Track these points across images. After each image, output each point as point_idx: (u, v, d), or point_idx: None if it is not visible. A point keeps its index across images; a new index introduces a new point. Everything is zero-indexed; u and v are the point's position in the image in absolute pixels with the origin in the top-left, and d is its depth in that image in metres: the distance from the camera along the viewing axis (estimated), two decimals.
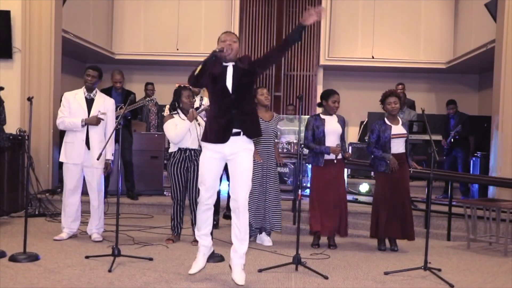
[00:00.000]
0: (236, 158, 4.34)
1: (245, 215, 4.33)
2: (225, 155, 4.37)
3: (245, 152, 4.36)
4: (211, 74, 4.33)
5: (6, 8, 8.11)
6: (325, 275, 4.72)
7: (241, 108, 4.34)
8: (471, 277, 5.02)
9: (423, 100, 11.85)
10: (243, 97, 4.37)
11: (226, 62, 4.38)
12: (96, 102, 5.87)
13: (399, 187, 5.92)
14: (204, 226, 4.51)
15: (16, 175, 7.51)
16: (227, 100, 4.33)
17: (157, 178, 8.57)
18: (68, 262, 4.93)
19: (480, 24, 10.29)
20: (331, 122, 5.99)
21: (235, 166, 4.35)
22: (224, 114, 4.32)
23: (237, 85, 4.33)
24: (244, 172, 4.33)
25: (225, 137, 4.31)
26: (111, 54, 12.08)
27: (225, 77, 4.34)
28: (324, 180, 5.95)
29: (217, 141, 4.33)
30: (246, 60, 4.46)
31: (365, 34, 12.21)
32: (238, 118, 4.32)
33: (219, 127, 4.32)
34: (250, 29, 12.24)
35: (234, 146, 4.33)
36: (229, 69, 4.37)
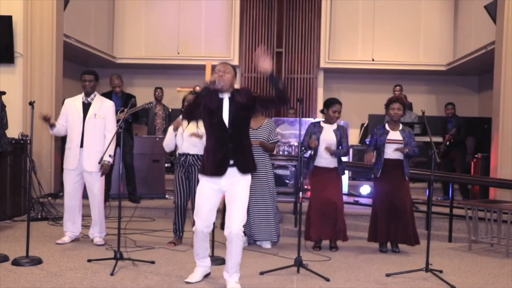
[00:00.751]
0: (233, 188, 4.30)
1: (238, 243, 4.25)
2: (222, 187, 4.33)
3: (242, 182, 4.32)
4: (206, 107, 4.27)
5: (8, 13, 8.13)
6: (326, 277, 4.73)
7: (238, 142, 4.30)
8: (472, 278, 5.03)
9: (423, 102, 11.88)
10: (240, 132, 4.33)
11: (222, 94, 4.32)
12: (93, 106, 5.86)
13: (394, 193, 5.90)
14: (203, 252, 4.53)
15: (19, 179, 7.53)
16: (224, 134, 4.28)
17: (159, 181, 8.58)
18: (70, 266, 4.95)
19: (480, 25, 10.31)
20: (328, 131, 6.01)
21: (232, 195, 4.31)
22: (220, 148, 4.28)
23: (234, 119, 4.27)
24: (240, 201, 4.28)
25: (222, 170, 4.27)
26: (112, 58, 12.13)
27: (221, 110, 4.28)
28: (318, 186, 5.99)
29: (214, 174, 4.31)
30: (244, 93, 4.38)
31: (365, 36, 12.25)
32: (234, 153, 4.27)
33: (216, 160, 4.29)
34: (251, 33, 12.27)
35: (230, 178, 4.29)
36: (225, 102, 4.30)
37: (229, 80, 4.29)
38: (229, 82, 4.29)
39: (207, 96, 4.25)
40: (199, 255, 4.54)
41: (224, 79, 4.26)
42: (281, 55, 12.24)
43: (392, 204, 5.90)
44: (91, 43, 10.91)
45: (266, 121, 6.14)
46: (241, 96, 4.33)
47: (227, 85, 4.28)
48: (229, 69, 4.34)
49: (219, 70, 4.30)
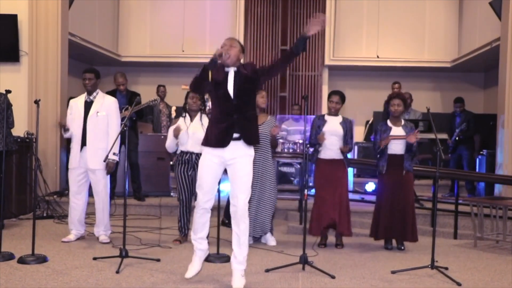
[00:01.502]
0: (236, 164, 4.33)
1: (245, 220, 4.31)
2: (225, 160, 4.35)
3: (245, 157, 4.35)
4: (213, 79, 4.31)
5: (13, 12, 8.16)
6: (332, 275, 4.73)
7: (243, 113, 4.34)
8: (478, 275, 5.02)
9: (429, 99, 11.85)
10: (244, 103, 4.37)
11: (228, 68, 4.37)
12: (95, 104, 5.86)
13: (399, 190, 5.91)
14: (201, 229, 4.51)
15: (24, 177, 7.56)
16: (229, 105, 4.32)
17: (164, 179, 8.60)
18: (76, 264, 4.96)
19: (485, 22, 10.27)
20: (332, 123, 6.02)
21: (235, 171, 4.34)
22: (225, 119, 4.32)
23: (239, 91, 4.32)
24: (243, 177, 4.32)
25: (225, 141, 4.30)
26: (117, 56, 12.14)
27: (227, 82, 4.34)
28: (322, 179, 6.00)
29: (217, 145, 4.33)
30: (249, 67, 4.45)
31: (370, 33, 12.22)
32: (239, 123, 4.31)
33: (220, 131, 4.32)
34: (255, 30, 12.25)
35: (234, 151, 4.32)
36: (231, 75, 4.36)
37: (235, 53, 4.35)
38: (235, 56, 4.36)
39: (214, 69, 4.28)
40: (197, 232, 4.50)
41: (231, 52, 4.31)
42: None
43: (395, 200, 5.90)
44: (96, 42, 10.93)
45: (269, 118, 6.16)
46: (246, 69, 4.41)
47: (233, 58, 4.34)
48: (235, 43, 4.42)
49: (225, 44, 4.37)
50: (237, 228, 4.33)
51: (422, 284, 4.63)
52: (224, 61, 4.30)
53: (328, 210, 5.92)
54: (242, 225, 4.31)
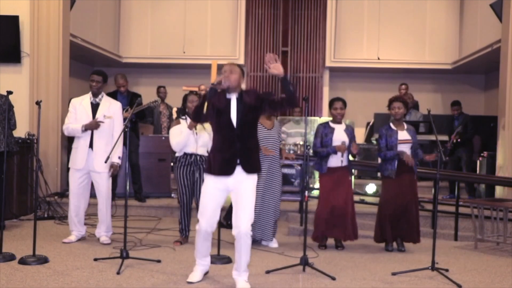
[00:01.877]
0: (239, 189, 4.31)
1: (247, 241, 4.27)
2: (229, 186, 4.34)
3: (248, 181, 4.33)
4: (215, 107, 4.27)
5: (14, 13, 8.18)
6: (332, 276, 4.74)
7: (245, 143, 4.31)
8: (478, 277, 5.03)
9: (429, 101, 11.86)
10: (247, 132, 4.33)
11: (229, 94, 4.32)
12: (102, 107, 5.90)
13: (405, 192, 5.91)
14: (204, 250, 4.54)
15: (25, 178, 7.57)
16: (231, 134, 4.28)
17: (165, 180, 8.60)
18: (77, 265, 4.97)
19: (486, 24, 10.28)
20: (339, 131, 6.01)
21: (239, 195, 4.32)
22: (228, 148, 4.28)
23: (242, 120, 4.28)
24: (247, 200, 4.29)
25: (230, 169, 4.28)
26: (118, 57, 12.16)
27: (229, 110, 4.29)
28: (329, 186, 5.97)
29: (222, 174, 4.30)
30: (252, 94, 4.37)
31: (371, 35, 12.24)
32: (242, 152, 4.28)
33: (223, 160, 4.29)
34: (256, 32, 12.27)
35: (237, 177, 4.30)
36: (233, 102, 4.30)
37: (235, 80, 4.29)
38: (235, 82, 4.29)
39: (215, 96, 4.24)
40: (200, 253, 4.54)
41: (231, 79, 4.26)
42: (286, 54, 12.23)
43: (401, 204, 5.90)
44: (97, 43, 10.95)
45: (276, 122, 6.23)
46: (249, 97, 4.33)
47: (233, 85, 4.29)
48: (236, 69, 4.34)
49: (225, 70, 4.30)
50: (239, 248, 4.29)
51: (422, 286, 4.63)
52: (223, 88, 4.26)
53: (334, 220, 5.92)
54: (244, 246, 4.28)
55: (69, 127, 5.89)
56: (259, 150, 4.56)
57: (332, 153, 5.92)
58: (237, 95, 4.33)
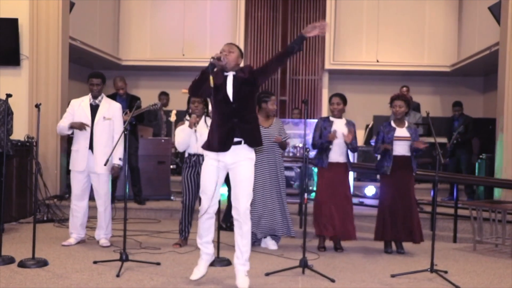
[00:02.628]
0: (237, 167, 4.39)
1: (247, 222, 4.38)
2: (227, 164, 4.41)
3: (246, 161, 4.41)
4: (213, 84, 4.36)
5: (13, 16, 8.18)
6: (332, 278, 4.74)
7: (242, 117, 4.39)
8: (477, 279, 5.04)
9: (428, 103, 11.86)
10: (244, 106, 4.42)
11: (227, 72, 4.44)
12: (101, 108, 5.91)
13: (403, 190, 5.93)
14: (206, 234, 4.55)
15: (24, 181, 7.57)
16: (228, 109, 4.38)
17: (164, 183, 8.61)
18: (76, 267, 4.97)
19: (484, 27, 10.30)
20: (339, 125, 6.03)
21: (236, 175, 4.40)
22: (225, 123, 4.37)
23: (238, 94, 4.39)
24: (245, 181, 4.38)
25: (227, 145, 4.36)
26: (117, 60, 12.17)
27: (226, 86, 4.40)
28: (328, 182, 5.98)
29: (219, 150, 4.37)
30: (247, 69, 4.50)
31: (370, 38, 12.26)
32: (239, 127, 4.37)
33: (221, 135, 4.36)
34: (256, 34, 12.29)
35: (235, 155, 4.37)
36: (229, 79, 4.42)
37: (233, 58, 4.44)
38: (233, 61, 4.44)
39: (213, 72, 4.34)
40: (202, 237, 4.55)
41: (229, 58, 4.40)
42: None
43: (400, 201, 5.91)
44: (96, 45, 10.96)
45: (275, 120, 6.23)
46: (243, 72, 4.47)
47: (231, 63, 4.43)
48: (234, 48, 4.50)
49: (224, 49, 4.46)
50: (240, 230, 4.40)
51: None
52: (222, 66, 4.37)
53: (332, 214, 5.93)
54: (244, 227, 4.38)
55: (59, 125, 5.92)
56: (258, 125, 4.61)
57: (325, 143, 5.93)
58: (234, 72, 4.46)
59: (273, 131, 6.10)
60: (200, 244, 4.59)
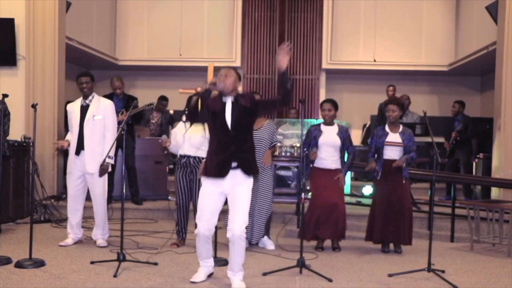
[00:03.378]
0: (235, 192, 4.36)
1: (241, 243, 4.32)
2: (225, 189, 4.39)
3: (245, 185, 4.38)
4: (211, 110, 4.34)
5: (10, 16, 8.16)
6: (329, 278, 4.74)
7: (240, 145, 4.35)
8: (474, 278, 5.04)
9: (425, 103, 11.88)
10: (242, 135, 4.38)
11: (225, 98, 4.37)
12: (91, 108, 5.86)
13: (394, 194, 5.92)
14: (205, 253, 4.57)
15: (21, 181, 7.55)
16: (227, 137, 4.33)
17: (161, 183, 8.60)
18: (73, 268, 4.96)
19: (481, 26, 10.31)
20: (329, 134, 5.97)
21: (234, 198, 4.36)
22: (223, 151, 4.33)
23: (237, 122, 4.33)
24: (242, 203, 4.34)
25: (224, 171, 4.32)
26: (114, 60, 12.15)
27: (224, 112, 4.34)
28: (319, 187, 5.96)
29: (216, 176, 4.35)
30: (248, 97, 4.43)
31: (367, 37, 12.25)
32: (237, 155, 4.33)
33: (218, 162, 4.33)
34: (253, 34, 12.27)
35: (233, 180, 4.35)
36: (228, 105, 4.35)
37: (231, 83, 4.33)
38: (231, 85, 4.34)
39: (211, 99, 4.30)
40: (201, 256, 4.58)
41: (226, 82, 4.31)
42: None
43: (390, 204, 5.91)
44: (93, 45, 10.94)
45: (267, 122, 6.11)
46: (244, 100, 4.38)
47: (229, 88, 4.33)
48: (232, 73, 4.39)
49: (221, 74, 4.35)
50: (233, 249, 4.36)
51: (418, 287, 4.64)
52: (219, 91, 4.32)
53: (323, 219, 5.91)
54: (238, 248, 4.33)
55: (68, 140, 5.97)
56: (255, 153, 4.55)
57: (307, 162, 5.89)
58: (233, 98, 4.36)
59: (263, 134, 5.99)
60: (200, 260, 4.61)
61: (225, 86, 4.31)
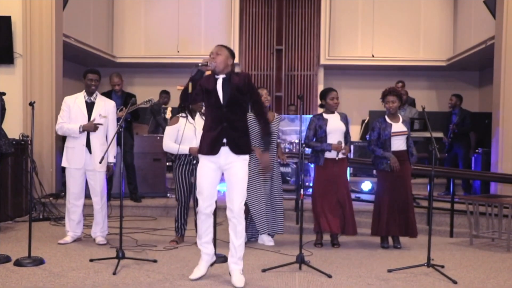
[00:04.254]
0: (231, 168, 4.42)
1: (241, 222, 4.42)
2: (221, 165, 4.45)
3: (240, 162, 4.43)
4: (205, 88, 4.42)
5: (6, 13, 8.14)
6: (328, 274, 4.74)
7: (232, 122, 4.41)
8: (474, 273, 5.04)
9: (424, 98, 11.88)
10: (234, 112, 4.44)
11: (217, 75, 4.45)
12: (97, 106, 5.88)
13: (400, 185, 5.93)
14: (205, 234, 4.58)
15: (20, 179, 7.55)
16: (219, 113, 4.41)
17: (160, 180, 8.59)
18: (73, 266, 4.96)
19: (479, 21, 10.30)
20: (334, 121, 5.97)
21: (230, 175, 4.44)
22: (216, 127, 4.41)
23: (229, 99, 4.40)
24: (238, 181, 4.41)
25: (215, 149, 4.40)
26: (112, 57, 12.13)
27: (217, 90, 4.42)
28: (326, 179, 5.94)
29: (209, 153, 4.43)
30: (243, 77, 4.51)
31: (365, 33, 12.25)
32: (228, 131, 4.39)
33: (211, 139, 4.41)
34: (250, 30, 12.26)
35: (228, 157, 4.42)
36: (219, 82, 4.44)
37: (221, 60, 4.41)
38: (222, 63, 4.42)
39: (201, 78, 4.40)
40: (201, 237, 4.58)
41: (216, 61, 4.39)
42: (281, 52, 12.24)
43: (397, 196, 5.91)
44: (90, 43, 10.92)
45: (276, 116, 6.26)
46: (238, 78, 4.47)
47: (220, 66, 4.42)
48: (222, 50, 4.46)
49: (212, 52, 4.45)
50: (234, 230, 4.43)
51: (418, 283, 4.64)
52: (211, 70, 4.40)
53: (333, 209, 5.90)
54: (238, 227, 4.42)
55: (63, 127, 5.84)
56: (248, 133, 4.63)
57: (327, 150, 5.89)
58: (225, 75, 4.45)
59: (275, 127, 6.12)
60: (199, 245, 4.61)
61: (216, 64, 4.39)
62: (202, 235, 4.57)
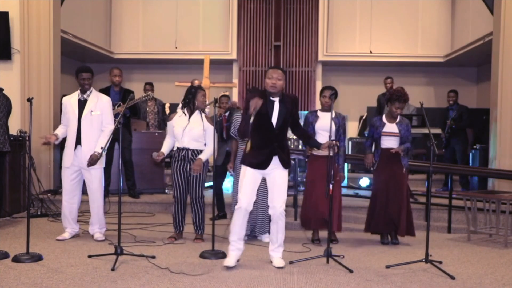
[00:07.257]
0: (274, 173, 4.78)
1: (282, 220, 4.81)
2: (264, 172, 4.81)
3: (281, 168, 4.79)
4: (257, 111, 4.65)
5: (4, 9, 8.12)
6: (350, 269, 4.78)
7: (281, 141, 4.77)
8: (472, 268, 5.05)
9: (422, 94, 11.89)
10: (283, 133, 4.82)
11: (273, 98, 4.73)
12: (89, 103, 5.84)
13: (392, 183, 5.92)
14: (239, 231, 4.80)
15: (18, 176, 7.54)
16: (271, 134, 4.73)
17: (158, 176, 8.59)
18: (71, 262, 4.95)
19: (477, 17, 10.31)
20: (324, 119, 5.89)
21: (273, 180, 4.79)
22: (266, 146, 4.73)
23: (281, 121, 4.72)
24: (281, 185, 4.78)
25: (266, 165, 4.75)
26: (110, 53, 12.11)
27: (272, 112, 4.71)
28: (316, 174, 5.90)
29: (259, 168, 4.76)
30: (293, 102, 4.83)
31: (363, 29, 12.25)
32: (277, 151, 4.74)
33: (262, 157, 4.73)
34: (248, 26, 12.24)
35: (272, 167, 4.77)
36: (276, 105, 4.72)
37: (281, 86, 4.72)
38: (281, 88, 4.73)
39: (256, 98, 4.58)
40: (235, 235, 4.80)
41: (277, 85, 4.68)
42: (279, 48, 12.22)
43: (389, 194, 5.91)
44: (88, 39, 10.90)
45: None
46: (290, 103, 4.78)
47: (279, 90, 4.71)
48: (282, 75, 4.74)
49: (272, 76, 4.70)
50: (276, 225, 4.84)
51: (416, 278, 4.65)
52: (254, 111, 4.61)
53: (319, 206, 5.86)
54: (280, 223, 4.82)
55: (57, 134, 5.95)
56: (289, 149, 4.96)
57: (315, 147, 5.85)
58: (279, 98, 4.75)
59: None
60: (232, 241, 4.81)
61: (277, 89, 4.68)
62: (237, 231, 4.80)
